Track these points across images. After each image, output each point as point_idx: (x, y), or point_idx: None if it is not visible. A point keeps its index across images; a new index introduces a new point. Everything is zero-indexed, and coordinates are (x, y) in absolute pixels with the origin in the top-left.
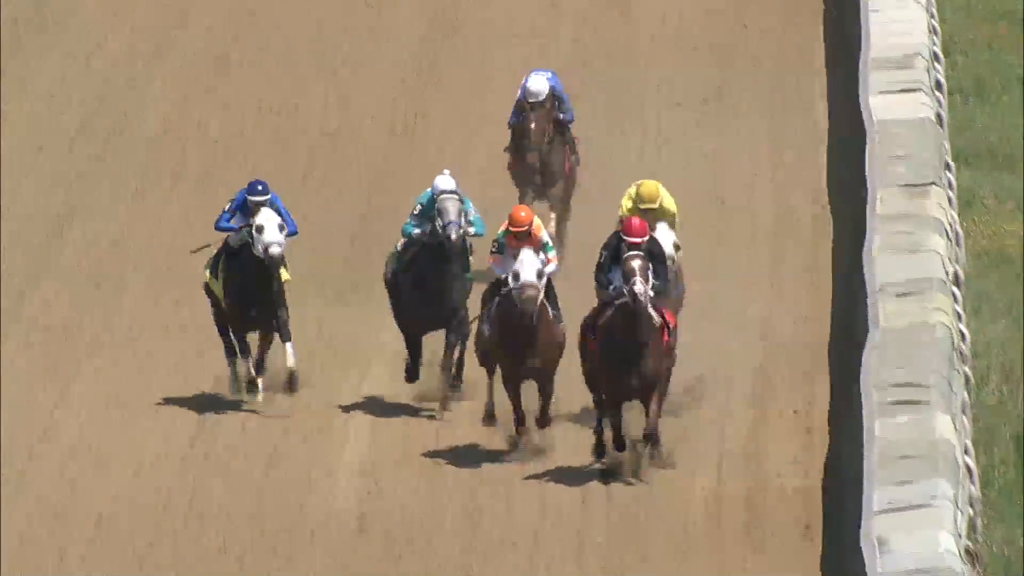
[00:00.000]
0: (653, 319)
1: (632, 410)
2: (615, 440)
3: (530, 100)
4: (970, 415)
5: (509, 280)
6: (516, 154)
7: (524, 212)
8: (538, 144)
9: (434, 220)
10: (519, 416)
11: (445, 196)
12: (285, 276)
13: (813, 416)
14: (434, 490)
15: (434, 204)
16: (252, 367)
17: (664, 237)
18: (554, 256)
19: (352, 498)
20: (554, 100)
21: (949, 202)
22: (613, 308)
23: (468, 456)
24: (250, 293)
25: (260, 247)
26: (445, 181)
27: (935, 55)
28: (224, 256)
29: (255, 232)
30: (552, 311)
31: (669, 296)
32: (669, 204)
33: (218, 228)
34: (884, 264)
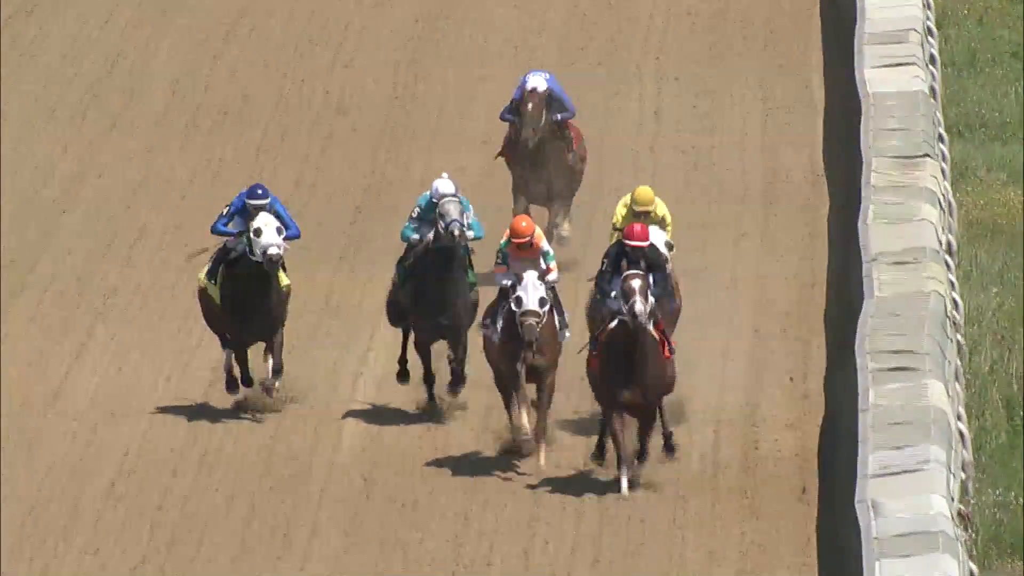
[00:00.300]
0: (653, 339)
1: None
2: (617, 448)
3: (529, 93)
4: (962, 381)
5: (512, 304)
6: (513, 147)
7: (525, 223)
8: (535, 122)
9: (436, 223)
10: (517, 424)
11: (447, 199)
12: (285, 281)
13: (809, 382)
14: (436, 450)
15: (433, 208)
16: (268, 371)
17: (656, 237)
18: (555, 265)
19: (357, 457)
20: (552, 100)
21: (942, 173)
22: (613, 324)
23: (464, 467)
24: (249, 302)
25: (258, 250)
26: (444, 184)
27: (928, 29)
28: (223, 265)
29: (253, 235)
30: (557, 317)
31: (664, 310)
32: (663, 210)
33: (215, 232)
34: (878, 234)
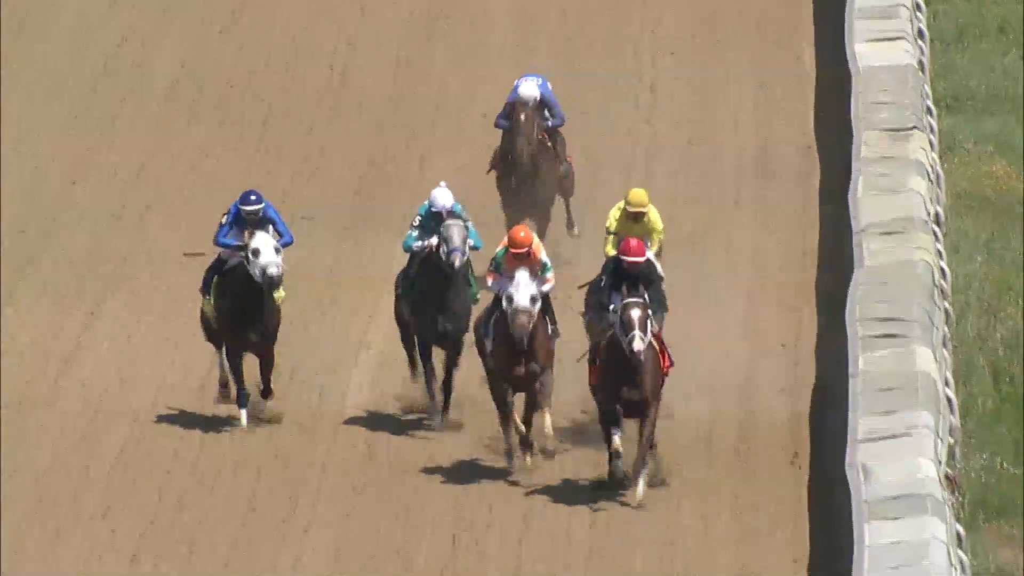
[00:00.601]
0: (651, 350)
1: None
2: (609, 448)
3: (521, 104)
4: (950, 348)
5: (503, 301)
6: (504, 160)
7: (523, 233)
8: (526, 134)
9: (438, 244)
10: (523, 439)
11: (450, 223)
12: (279, 294)
13: (800, 349)
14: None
15: (433, 217)
16: (259, 390)
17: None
18: (552, 276)
19: (361, 424)
20: (543, 107)
21: (930, 145)
22: (610, 340)
23: (456, 476)
24: (244, 314)
25: (257, 271)
26: (443, 195)
27: (917, 4)
28: (217, 276)
29: (251, 256)
30: (550, 325)
31: (660, 322)
32: (655, 217)
33: (217, 244)
34: (868, 204)
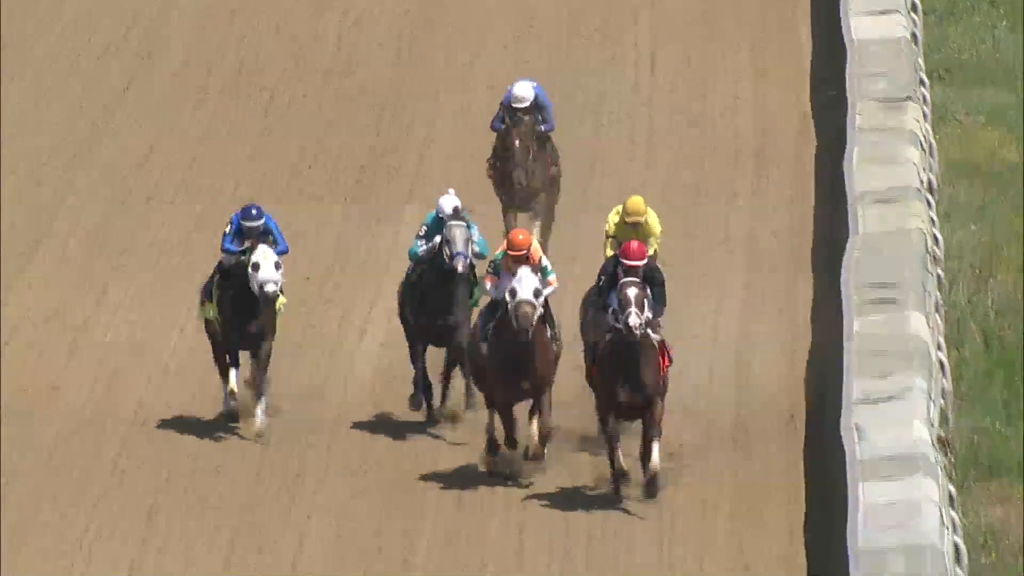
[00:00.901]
0: (651, 345)
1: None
2: (611, 454)
3: (515, 105)
4: (942, 313)
5: (506, 297)
6: (497, 167)
7: (522, 236)
8: (523, 161)
9: (441, 246)
10: (512, 440)
11: (453, 225)
12: (281, 300)
13: (797, 314)
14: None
15: (440, 225)
16: (252, 386)
17: None
18: (554, 279)
19: (368, 391)
20: (537, 109)
21: (924, 116)
22: (611, 336)
23: (451, 481)
24: (243, 309)
25: (255, 285)
26: (450, 202)
27: None
28: (218, 277)
29: (251, 269)
30: (549, 330)
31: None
32: (653, 221)
33: (225, 251)
34: (863, 174)
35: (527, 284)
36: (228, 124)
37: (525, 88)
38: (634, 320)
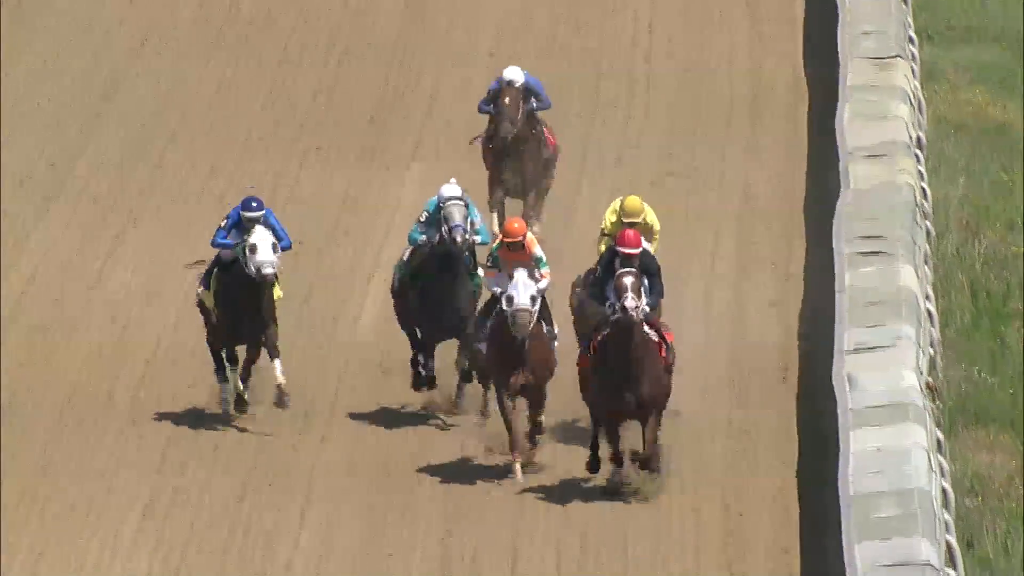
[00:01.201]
0: (648, 336)
1: (630, 429)
2: (612, 458)
3: (506, 85)
4: (931, 265)
5: (503, 302)
6: (490, 140)
7: (517, 224)
8: (512, 116)
9: (440, 227)
10: (514, 439)
11: (451, 202)
12: (277, 293)
13: (790, 267)
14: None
15: (440, 211)
16: (239, 377)
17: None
18: (547, 271)
19: (374, 340)
20: (528, 93)
21: (913, 73)
22: (608, 326)
23: (447, 475)
24: (241, 306)
25: (252, 267)
26: (450, 189)
27: None
28: (217, 269)
29: (248, 252)
30: (546, 327)
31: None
32: (652, 219)
33: (214, 245)
34: (854, 130)
35: (524, 291)
36: (241, 75)
37: (515, 71)
38: (631, 302)
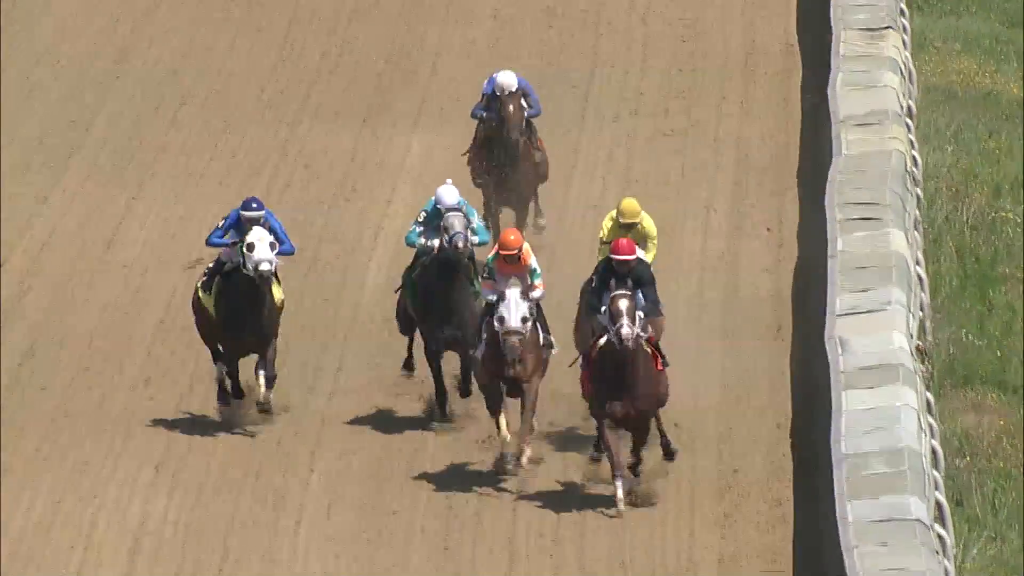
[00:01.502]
0: (644, 354)
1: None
2: (612, 467)
3: (501, 93)
4: (921, 230)
5: (495, 322)
6: (480, 154)
7: (514, 236)
8: (517, 125)
9: (440, 235)
10: (503, 438)
11: (451, 213)
12: (278, 295)
13: (784, 232)
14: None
15: (438, 214)
16: (256, 377)
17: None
18: (541, 282)
19: (379, 301)
20: (522, 95)
21: (903, 44)
22: (602, 341)
23: (444, 482)
24: (242, 316)
25: (251, 264)
26: (448, 193)
27: None
28: (218, 277)
29: (246, 250)
30: (542, 334)
31: (655, 325)
32: (649, 225)
33: (209, 244)
34: (846, 98)
35: (515, 312)
36: (253, 35)
37: (508, 75)
38: (626, 331)
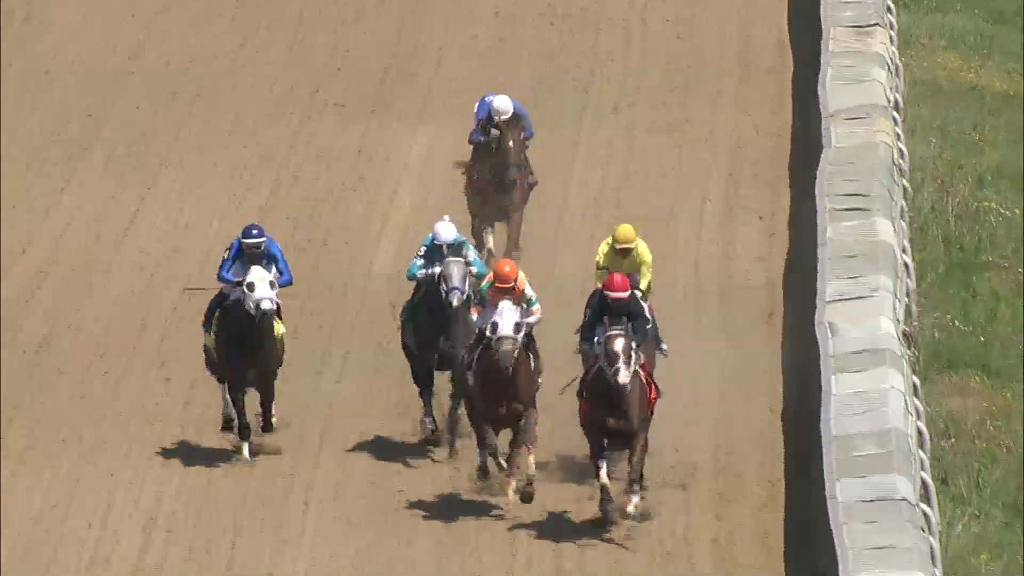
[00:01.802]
0: (638, 380)
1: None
2: (602, 488)
3: (498, 118)
4: (907, 219)
5: (488, 331)
6: (481, 174)
7: (509, 267)
8: (517, 159)
9: (439, 281)
10: (496, 462)
11: (451, 262)
12: (280, 329)
13: (776, 221)
14: None
15: (436, 249)
16: (258, 423)
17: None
18: (537, 308)
19: (386, 285)
20: (517, 119)
21: (890, 40)
22: (596, 372)
23: (441, 506)
24: (244, 350)
25: (251, 303)
26: (446, 229)
27: None
28: (219, 312)
29: (246, 290)
30: (533, 361)
31: (649, 353)
32: (644, 251)
33: (220, 280)
34: (835, 93)
35: (508, 319)
36: (262, 33)
37: (504, 100)
38: (623, 376)
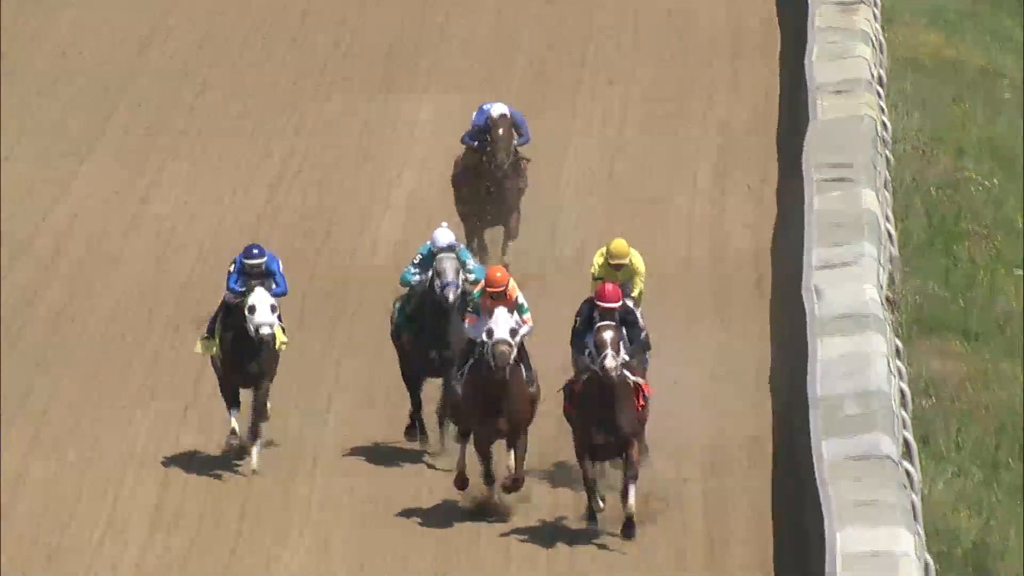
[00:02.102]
0: (627, 386)
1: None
2: (589, 498)
3: (495, 120)
4: (891, 189)
5: (483, 337)
6: (466, 180)
7: (500, 273)
8: (507, 147)
9: (432, 279)
10: (489, 476)
11: (444, 256)
12: (281, 338)
13: (764, 191)
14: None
15: (433, 256)
16: (246, 430)
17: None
18: (529, 318)
19: (391, 259)
20: (513, 125)
21: (875, 17)
22: (587, 376)
23: (438, 514)
24: (243, 349)
25: (252, 327)
26: (444, 235)
27: None
28: (221, 315)
29: (248, 312)
30: (525, 371)
31: (639, 362)
32: (638, 262)
33: (229, 290)
34: (821, 68)
35: (503, 324)
36: (268, 26)
37: (500, 107)
38: (610, 362)
